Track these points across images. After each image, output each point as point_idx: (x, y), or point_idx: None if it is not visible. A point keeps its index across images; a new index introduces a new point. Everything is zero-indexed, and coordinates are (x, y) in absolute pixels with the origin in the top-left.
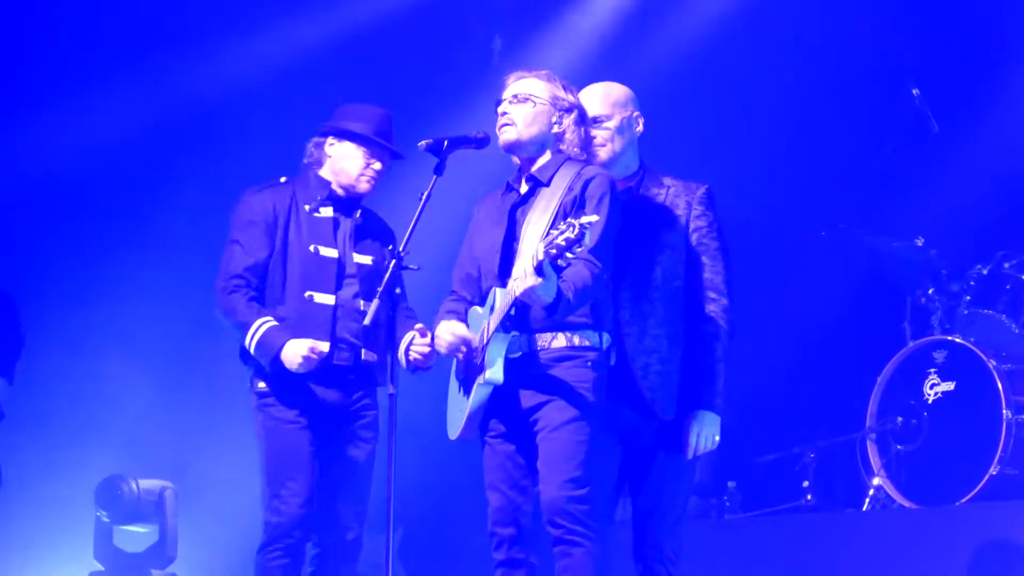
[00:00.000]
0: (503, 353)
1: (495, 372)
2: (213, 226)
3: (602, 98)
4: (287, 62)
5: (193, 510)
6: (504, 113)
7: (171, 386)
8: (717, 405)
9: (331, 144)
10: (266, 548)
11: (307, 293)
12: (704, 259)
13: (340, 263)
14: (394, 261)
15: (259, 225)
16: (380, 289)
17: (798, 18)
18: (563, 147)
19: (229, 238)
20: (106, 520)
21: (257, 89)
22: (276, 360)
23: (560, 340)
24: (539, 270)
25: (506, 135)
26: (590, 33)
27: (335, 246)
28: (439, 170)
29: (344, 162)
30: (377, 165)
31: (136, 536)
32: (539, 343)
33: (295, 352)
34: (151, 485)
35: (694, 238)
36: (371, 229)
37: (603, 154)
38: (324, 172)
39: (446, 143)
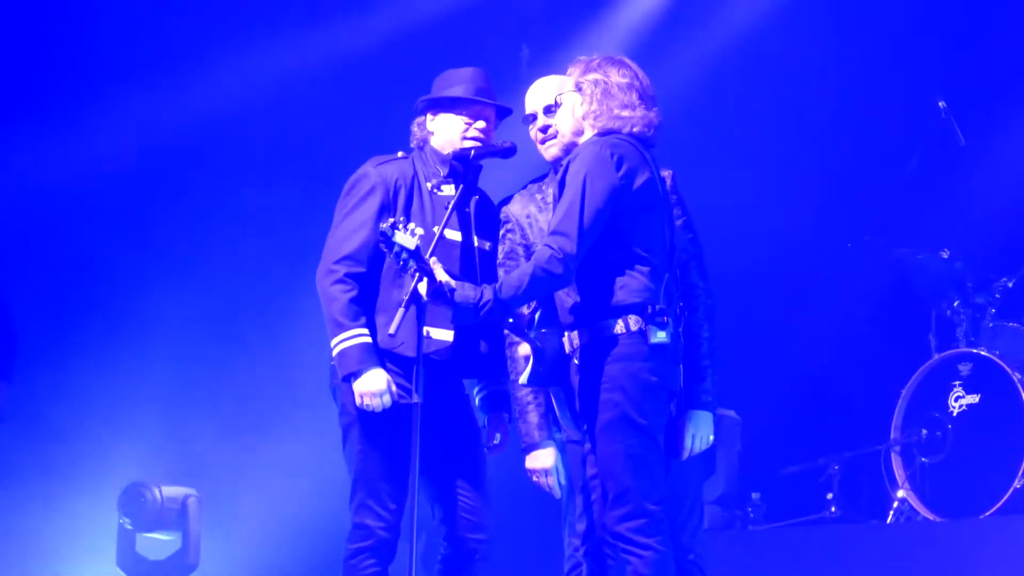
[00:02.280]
0: (527, 352)
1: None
2: (232, 231)
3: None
4: (313, 73)
5: (216, 518)
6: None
7: (195, 393)
8: (708, 403)
9: (431, 119)
10: (361, 554)
11: None
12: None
13: (464, 247)
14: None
15: (378, 199)
16: (405, 298)
17: (825, 30)
18: (594, 124)
19: (343, 210)
20: (129, 527)
21: (281, 100)
22: (347, 379)
23: (585, 335)
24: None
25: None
26: (618, 41)
27: (458, 228)
28: (465, 179)
29: (446, 132)
30: (480, 124)
31: (159, 544)
32: (567, 345)
33: (375, 384)
34: (174, 492)
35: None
36: (488, 211)
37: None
38: (436, 147)
39: (472, 152)
